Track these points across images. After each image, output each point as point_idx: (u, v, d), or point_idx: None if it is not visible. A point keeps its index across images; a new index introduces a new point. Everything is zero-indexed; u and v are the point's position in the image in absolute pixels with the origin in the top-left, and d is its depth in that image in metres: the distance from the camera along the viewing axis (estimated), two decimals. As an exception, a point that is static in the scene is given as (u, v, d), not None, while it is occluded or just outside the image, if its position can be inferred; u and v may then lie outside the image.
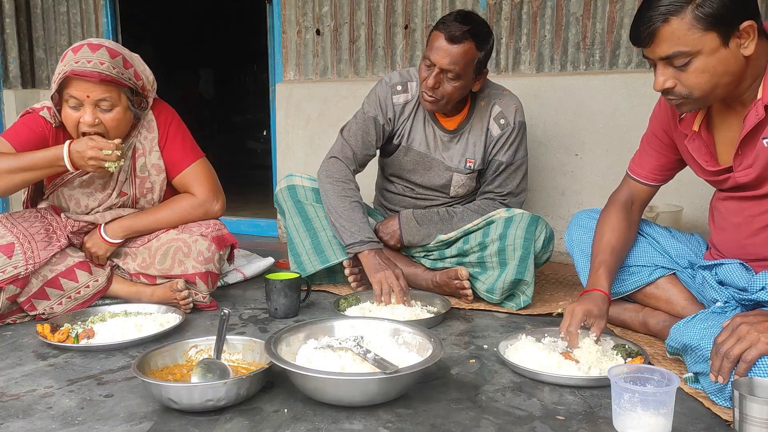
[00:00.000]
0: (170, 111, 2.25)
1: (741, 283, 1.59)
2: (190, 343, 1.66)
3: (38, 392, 1.54)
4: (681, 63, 1.47)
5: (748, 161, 1.56)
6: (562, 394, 1.51)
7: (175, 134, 2.22)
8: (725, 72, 1.47)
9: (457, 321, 2.09)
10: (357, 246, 2.22)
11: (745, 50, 1.46)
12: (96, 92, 1.96)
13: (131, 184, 2.17)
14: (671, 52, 1.46)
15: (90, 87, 1.95)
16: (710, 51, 1.45)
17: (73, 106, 1.99)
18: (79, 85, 1.95)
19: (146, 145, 2.17)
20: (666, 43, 1.46)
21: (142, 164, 2.17)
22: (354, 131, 2.37)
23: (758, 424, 1.24)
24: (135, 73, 2.04)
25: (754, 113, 1.50)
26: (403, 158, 2.41)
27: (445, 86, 2.17)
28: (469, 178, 2.38)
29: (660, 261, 1.87)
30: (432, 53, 2.14)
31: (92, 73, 1.93)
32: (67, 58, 1.96)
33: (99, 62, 1.94)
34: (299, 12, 3.38)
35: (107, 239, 2.13)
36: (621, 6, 2.74)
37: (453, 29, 2.10)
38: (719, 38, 1.44)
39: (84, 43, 1.98)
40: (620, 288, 1.90)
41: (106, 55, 1.96)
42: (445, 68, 2.13)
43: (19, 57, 4.11)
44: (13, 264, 1.96)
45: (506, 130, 2.31)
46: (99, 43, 1.99)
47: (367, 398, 1.42)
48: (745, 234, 1.63)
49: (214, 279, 2.19)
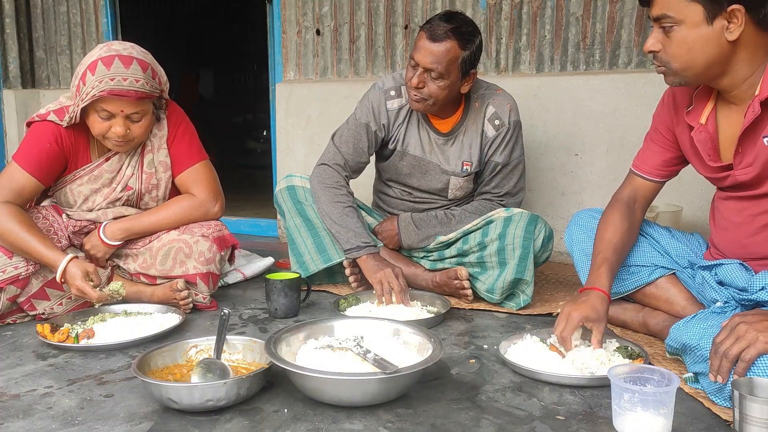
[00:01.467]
0: (181, 112, 2.27)
1: (741, 283, 1.59)
2: (190, 343, 1.66)
3: (38, 392, 1.54)
4: (667, 26, 1.50)
5: (748, 159, 1.56)
6: (562, 394, 1.51)
7: (183, 134, 2.23)
8: (704, 51, 1.49)
9: (457, 321, 2.09)
10: (354, 252, 2.24)
11: (729, 34, 1.46)
12: (130, 108, 1.98)
13: (138, 179, 2.18)
14: (660, 13, 1.50)
15: (125, 103, 1.97)
16: (693, 24, 1.47)
17: (103, 117, 1.99)
18: (114, 102, 1.95)
19: (155, 143, 2.19)
20: (659, 4, 1.51)
21: (150, 160, 2.18)
22: (345, 138, 2.36)
23: (758, 424, 1.24)
24: (159, 80, 2.06)
25: (751, 110, 1.50)
26: (399, 163, 2.40)
27: (429, 86, 2.16)
28: (466, 180, 2.37)
29: (660, 261, 1.87)
30: (415, 52, 2.14)
31: (129, 92, 1.94)
32: (99, 72, 1.92)
33: (134, 80, 1.95)
34: (299, 12, 3.38)
35: (106, 241, 2.13)
36: (621, 6, 2.74)
37: (435, 28, 2.10)
38: (704, 13, 1.45)
39: (113, 54, 1.95)
40: (620, 288, 1.90)
41: (139, 70, 1.96)
42: (428, 67, 2.12)
43: (19, 57, 4.11)
44: (13, 264, 1.96)
45: (501, 130, 2.30)
46: (129, 54, 1.97)
47: (367, 398, 1.42)
48: (745, 233, 1.63)
49: (215, 280, 2.19)
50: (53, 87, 4.19)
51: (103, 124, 2.00)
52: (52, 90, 4.18)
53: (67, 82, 4.13)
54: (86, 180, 2.15)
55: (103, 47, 1.99)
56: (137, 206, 2.24)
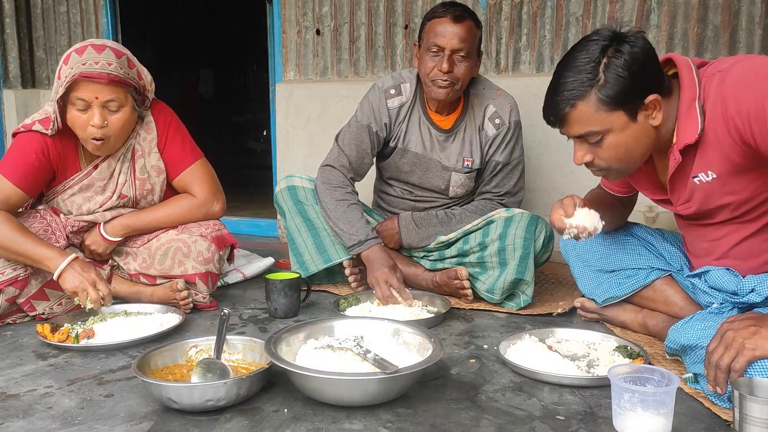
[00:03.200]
0: (169, 112, 2.23)
1: (731, 287, 1.60)
2: (190, 343, 1.66)
3: (38, 392, 1.54)
4: (594, 140, 1.53)
5: (684, 197, 1.61)
6: (562, 394, 1.51)
7: (174, 135, 2.21)
8: (637, 144, 1.53)
9: (457, 321, 2.09)
10: (357, 247, 2.23)
11: (653, 121, 1.51)
12: (104, 93, 1.95)
13: (131, 186, 2.16)
14: (583, 131, 1.53)
15: (99, 88, 1.94)
16: (620, 128, 1.50)
17: (80, 109, 1.96)
18: (87, 87, 1.93)
19: (145, 147, 2.16)
20: (577, 125, 1.52)
21: (141, 166, 2.16)
22: (348, 140, 2.37)
23: (758, 424, 1.24)
24: (138, 72, 2.04)
25: (673, 158, 1.55)
26: (400, 160, 2.40)
27: (457, 68, 2.18)
28: (467, 177, 2.38)
29: (655, 263, 1.88)
30: (438, 38, 2.15)
31: (101, 75, 1.92)
32: (72, 60, 1.93)
33: (107, 63, 1.93)
34: (299, 12, 3.38)
35: (107, 237, 2.13)
36: (621, 6, 2.74)
37: (454, 11, 2.16)
38: (626, 115, 1.49)
39: (87, 44, 1.96)
40: (618, 292, 1.90)
41: (112, 55, 1.95)
42: (456, 48, 2.15)
43: (19, 57, 4.11)
44: (12, 266, 1.96)
45: (502, 129, 2.31)
46: (102, 43, 1.97)
47: (367, 398, 1.42)
48: (716, 255, 1.66)
49: (214, 279, 2.19)
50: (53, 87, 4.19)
51: (81, 117, 1.97)
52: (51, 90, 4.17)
53: (67, 82, 4.13)
54: (77, 189, 2.13)
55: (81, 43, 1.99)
56: None
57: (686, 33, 2.66)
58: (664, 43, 2.70)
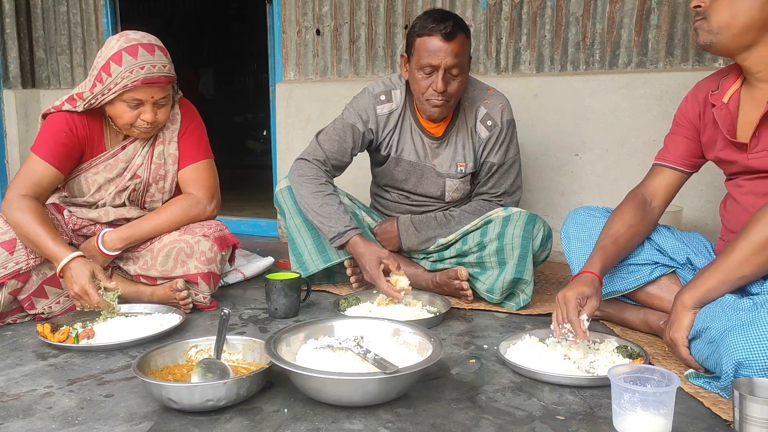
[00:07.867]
0: (194, 109, 2.31)
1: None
2: (190, 343, 1.66)
3: (38, 392, 1.54)
4: None
5: (764, 143, 1.58)
6: (562, 394, 1.51)
7: (193, 130, 2.26)
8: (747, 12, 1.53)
9: (457, 321, 2.09)
10: (338, 239, 2.19)
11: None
12: (159, 93, 2.05)
13: (147, 168, 2.20)
14: None
15: (156, 90, 2.03)
16: None
17: (132, 106, 2.03)
18: (145, 90, 2.00)
19: (167, 135, 2.21)
20: None
21: (160, 152, 2.21)
22: (330, 136, 2.33)
23: (758, 424, 1.24)
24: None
25: None
26: (394, 169, 2.39)
27: (452, 85, 2.15)
28: (462, 181, 2.36)
29: (660, 258, 1.87)
30: (432, 58, 2.10)
31: (161, 78, 2.02)
32: (126, 62, 1.96)
33: (162, 65, 2.02)
34: (299, 12, 3.38)
35: (105, 252, 2.13)
36: (621, 6, 2.74)
37: (444, 28, 2.08)
38: None
39: (134, 42, 1.99)
40: (620, 286, 1.89)
41: (163, 56, 2.03)
42: (450, 65, 2.10)
43: (19, 57, 4.11)
44: (14, 260, 1.97)
45: (494, 131, 2.29)
46: (148, 41, 2.02)
47: (367, 398, 1.42)
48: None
49: (216, 279, 2.19)
50: (53, 87, 4.19)
51: (132, 113, 2.04)
52: (52, 90, 4.18)
53: (67, 82, 4.13)
54: (102, 168, 2.17)
55: (121, 38, 2.02)
56: (143, 198, 2.24)
57: (686, 33, 2.66)
58: (664, 43, 2.70)
